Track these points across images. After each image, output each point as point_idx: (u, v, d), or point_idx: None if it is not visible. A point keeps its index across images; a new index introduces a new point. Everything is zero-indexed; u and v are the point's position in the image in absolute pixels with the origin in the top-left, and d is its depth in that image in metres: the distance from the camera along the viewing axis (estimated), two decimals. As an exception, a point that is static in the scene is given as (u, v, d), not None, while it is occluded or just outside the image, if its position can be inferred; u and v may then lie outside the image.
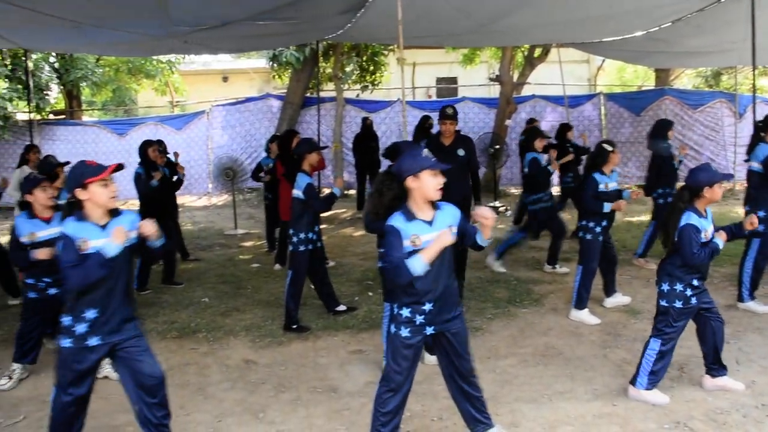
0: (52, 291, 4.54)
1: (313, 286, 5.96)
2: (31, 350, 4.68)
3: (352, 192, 13.11)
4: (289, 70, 14.04)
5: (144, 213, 6.54)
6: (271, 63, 13.69)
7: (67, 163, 5.48)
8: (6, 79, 12.82)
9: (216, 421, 3.96)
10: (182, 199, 13.10)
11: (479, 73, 19.08)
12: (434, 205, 3.18)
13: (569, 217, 8.38)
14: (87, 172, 3.11)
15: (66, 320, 3.20)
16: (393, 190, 3.17)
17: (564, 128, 9.01)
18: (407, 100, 14.00)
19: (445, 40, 10.40)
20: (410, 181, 3.10)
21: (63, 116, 16.40)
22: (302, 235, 5.51)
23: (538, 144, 7.17)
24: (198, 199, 14.39)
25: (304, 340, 5.28)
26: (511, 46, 13.12)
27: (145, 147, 7.25)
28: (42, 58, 14.45)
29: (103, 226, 3.17)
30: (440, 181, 3.13)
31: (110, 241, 3.09)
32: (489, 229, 3.22)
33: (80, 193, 3.12)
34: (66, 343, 3.20)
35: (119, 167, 3.18)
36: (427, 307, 3.16)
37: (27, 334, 4.65)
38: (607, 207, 5.37)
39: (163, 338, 5.43)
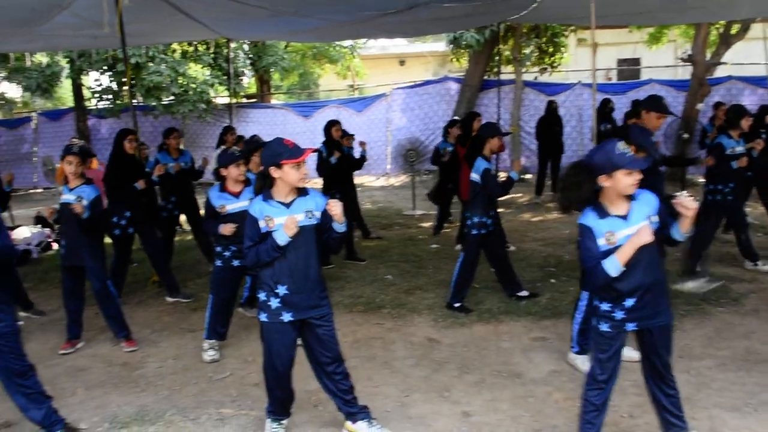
0: (236, 263, 4.74)
1: (493, 270, 5.97)
2: (224, 328, 4.92)
3: (529, 176, 12.90)
4: (468, 53, 14.03)
5: (323, 190, 6.84)
6: (451, 46, 13.77)
7: None
8: (209, 67, 14.05)
9: (403, 396, 4.11)
10: (361, 179, 13.67)
11: (665, 53, 17.81)
12: (629, 195, 2.96)
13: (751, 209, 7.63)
14: (284, 152, 3.19)
15: (261, 295, 3.40)
16: (590, 183, 2.94)
17: (764, 111, 7.96)
18: (587, 83, 13.51)
19: (635, 18, 9.78)
20: (603, 180, 2.90)
21: (255, 100, 17.69)
22: (476, 219, 5.53)
23: (744, 123, 6.40)
24: (376, 179, 14.89)
25: (486, 323, 5.32)
26: (707, 23, 12.08)
27: (329, 126, 7.66)
28: (237, 47, 15.59)
29: (288, 204, 3.30)
30: (637, 178, 2.88)
31: (283, 229, 3.22)
32: (690, 221, 2.93)
33: (274, 171, 3.22)
34: (263, 317, 3.40)
35: (315, 152, 3.32)
36: (629, 302, 3.00)
37: (215, 314, 4.84)
38: None
39: (350, 311, 5.74)
